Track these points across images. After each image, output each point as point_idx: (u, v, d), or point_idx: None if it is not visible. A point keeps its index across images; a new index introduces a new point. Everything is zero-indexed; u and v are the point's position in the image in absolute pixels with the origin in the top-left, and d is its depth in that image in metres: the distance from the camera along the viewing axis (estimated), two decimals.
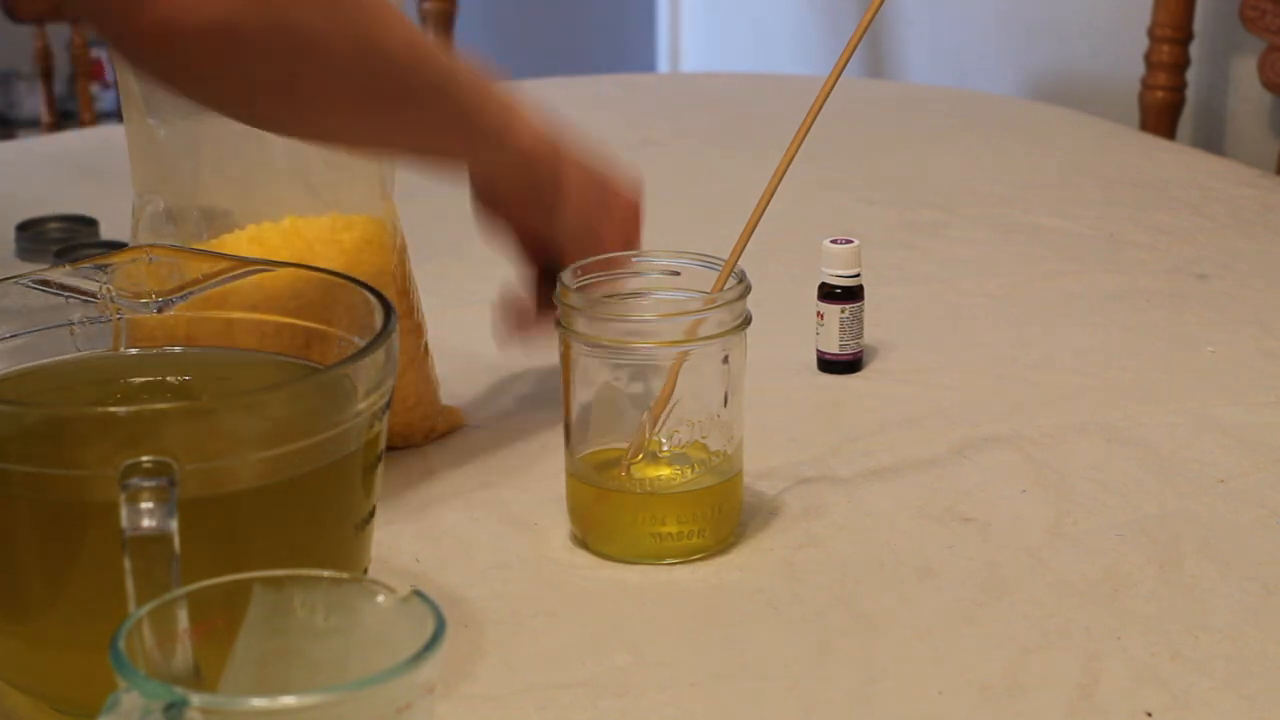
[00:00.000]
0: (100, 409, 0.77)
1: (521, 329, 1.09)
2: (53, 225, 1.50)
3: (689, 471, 0.95)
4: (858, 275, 1.20)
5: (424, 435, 1.09)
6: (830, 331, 1.20)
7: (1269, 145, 2.04)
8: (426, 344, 1.09)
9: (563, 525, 0.99)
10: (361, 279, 0.88)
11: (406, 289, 1.07)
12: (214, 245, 1.02)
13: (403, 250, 1.08)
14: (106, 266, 0.90)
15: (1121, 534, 0.99)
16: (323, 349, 0.88)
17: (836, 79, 0.96)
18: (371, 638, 0.68)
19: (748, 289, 0.95)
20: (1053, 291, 1.39)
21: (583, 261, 0.97)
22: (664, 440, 0.95)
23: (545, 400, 1.14)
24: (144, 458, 0.72)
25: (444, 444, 1.11)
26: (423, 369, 1.08)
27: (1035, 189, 1.67)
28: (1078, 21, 2.32)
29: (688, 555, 0.96)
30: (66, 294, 0.89)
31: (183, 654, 0.67)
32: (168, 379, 0.89)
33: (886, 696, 0.84)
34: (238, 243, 1.02)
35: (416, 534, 0.99)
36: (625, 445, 0.95)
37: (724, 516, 0.96)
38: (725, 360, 0.95)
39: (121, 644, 0.64)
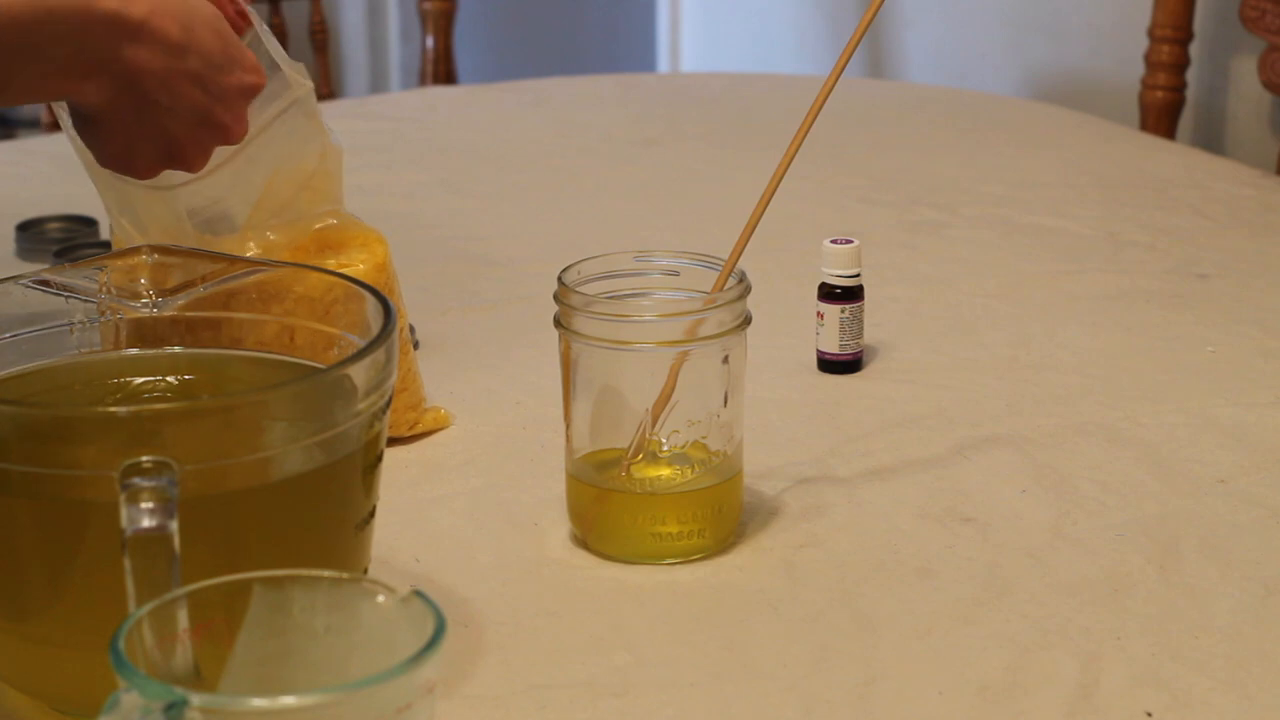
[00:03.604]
0: (100, 409, 0.77)
1: None
2: (53, 225, 1.51)
3: (689, 471, 0.95)
4: (858, 275, 1.20)
5: (408, 426, 1.09)
6: (830, 331, 1.20)
7: (1269, 145, 2.04)
8: (409, 335, 1.10)
9: (563, 525, 0.99)
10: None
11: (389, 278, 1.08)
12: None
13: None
14: (106, 266, 0.90)
15: (1121, 534, 0.99)
16: (323, 349, 0.88)
17: (836, 79, 0.96)
18: (371, 638, 0.68)
19: (748, 289, 0.95)
20: (1053, 291, 1.39)
21: (582, 260, 0.97)
22: (664, 440, 0.95)
23: (545, 400, 1.14)
24: (144, 458, 0.72)
25: (443, 444, 1.11)
26: (404, 356, 1.08)
27: (1035, 189, 1.67)
28: (1078, 21, 2.32)
29: (688, 555, 0.96)
30: (66, 294, 0.89)
31: (183, 654, 0.67)
32: (168, 379, 0.89)
33: (886, 696, 0.84)
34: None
35: (416, 534, 0.99)
36: (625, 445, 0.95)
37: (724, 516, 0.96)
38: (725, 360, 0.95)
39: (121, 644, 0.64)
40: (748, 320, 0.95)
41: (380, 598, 0.69)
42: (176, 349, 0.91)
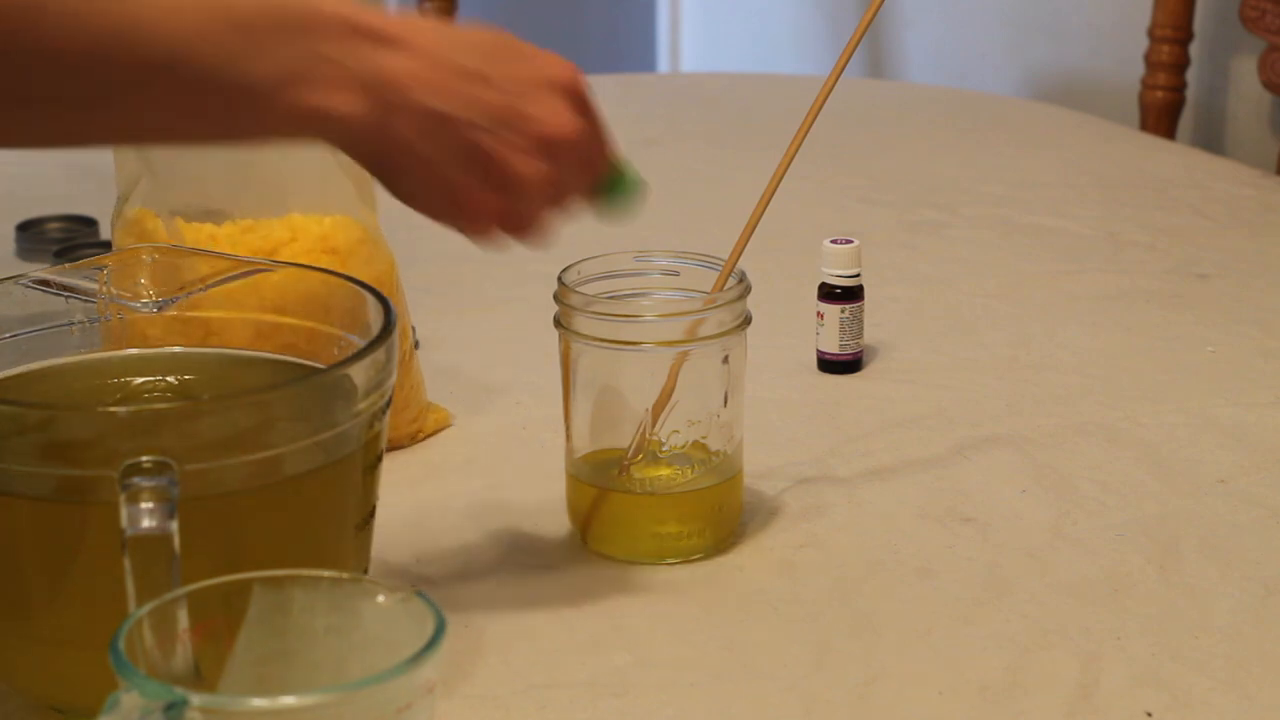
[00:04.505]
0: (100, 409, 0.77)
1: None
2: (53, 225, 1.50)
3: (689, 471, 0.95)
4: (858, 275, 1.20)
5: (411, 438, 1.09)
6: (830, 331, 1.20)
7: (1269, 145, 2.04)
8: (412, 347, 1.09)
9: (563, 525, 0.99)
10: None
11: (394, 291, 1.07)
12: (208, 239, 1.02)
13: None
14: (106, 266, 0.90)
15: (1121, 534, 0.99)
16: (322, 349, 0.88)
17: (836, 79, 0.96)
18: (371, 638, 0.68)
19: (748, 289, 0.95)
20: (1053, 291, 1.39)
21: (585, 258, 0.97)
22: (664, 440, 0.95)
23: (545, 400, 1.14)
24: (144, 458, 0.72)
25: (443, 444, 1.11)
26: (409, 373, 1.08)
27: (1035, 189, 1.67)
28: (1078, 21, 2.32)
29: (688, 555, 0.96)
30: (66, 294, 0.89)
31: (183, 654, 0.67)
32: (168, 379, 0.89)
33: (886, 696, 0.84)
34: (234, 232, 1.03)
35: (416, 534, 0.99)
36: (625, 445, 0.95)
37: (724, 516, 0.96)
38: (725, 360, 0.95)
39: (121, 644, 0.64)
40: (748, 320, 0.95)
41: (380, 598, 0.69)
42: (176, 349, 0.91)
